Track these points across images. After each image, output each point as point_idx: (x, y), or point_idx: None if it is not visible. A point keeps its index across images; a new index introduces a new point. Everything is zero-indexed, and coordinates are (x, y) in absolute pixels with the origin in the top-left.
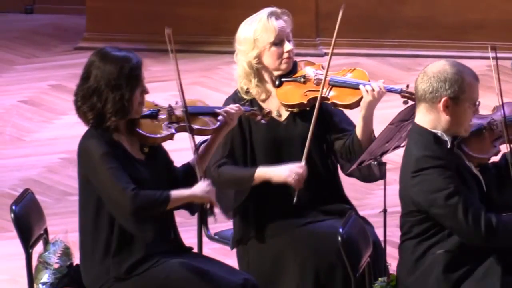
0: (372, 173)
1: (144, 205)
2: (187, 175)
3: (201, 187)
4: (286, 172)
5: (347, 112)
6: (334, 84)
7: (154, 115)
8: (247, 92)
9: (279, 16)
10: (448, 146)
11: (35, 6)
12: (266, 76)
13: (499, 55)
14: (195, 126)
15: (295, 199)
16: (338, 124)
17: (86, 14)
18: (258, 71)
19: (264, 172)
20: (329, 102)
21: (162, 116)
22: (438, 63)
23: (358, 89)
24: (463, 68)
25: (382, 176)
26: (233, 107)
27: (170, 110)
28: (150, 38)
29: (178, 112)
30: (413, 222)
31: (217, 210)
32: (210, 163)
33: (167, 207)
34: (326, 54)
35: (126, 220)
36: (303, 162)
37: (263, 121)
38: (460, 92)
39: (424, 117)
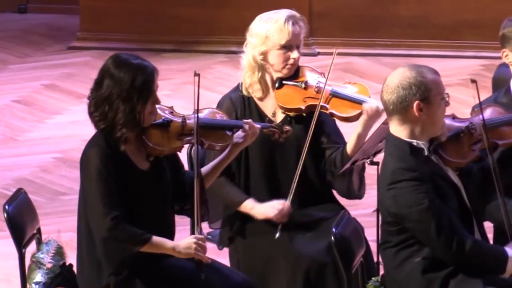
0: (352, 190)
1: (118, 238)
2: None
3: (186, 244)
4: (268, 209)
5: (341, 125)
6: (334, 95)
7: (165, 125)
8: (249, 86)
9: (296, 21)
10: (426, 154)
11: (29, 6)
12: (267, 75)
13: (492, 54)
14: (207, 141)
15: (277, 234)
16: (328, 134)
17: (80, 14)
18: (262, 67)
19: (250, 207)
20: (327, 111)
21: (174, 126)
22: (396, 72)
23: (358, 103)
24: (421, 67)
25: (361, 196)
26: (254, 124)
27: (183, 121)
28: (144, 38)
29: (191, 124)
30: (391, 232)
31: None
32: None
33: (142, 249)
34: (319, 53)
35: (98, 243)
36: (288, 201)
37: (280, 139)
38: (427, 92)
39: (399, 128)
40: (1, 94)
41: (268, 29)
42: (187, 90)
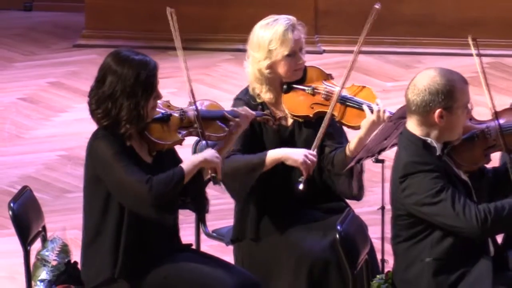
0: (351, 190)
1: (162, 191)
2: (195, 177)
3: (209, 152)
4: (301, 156)
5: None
6: (343, 103)
7: (165, 119)
8: (258, 95)
9: (295, 26)
10: (437, 153)
11: (34, 3)
12: (276, 83)
13: (497, 52)
14: (207, 133)
15: (301, 186)
16: (331, 133)
17: (85, 12)
18: (269, 78)
19: (276, 154)
20: (335, 118)
21: (174, 120)
22: (427, 74)
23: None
24: (452, 75)
25: (360, 197)
26: (247, 110)
27: (182, 114)
28: (149, 36)
29: (190, 116)
30: (402, 226)
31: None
32: None
33: (184, 182)
34: (324, 51)
35: (150, 212)
36: (314, 151)
37: (274, 126)
38: (453, 101)
39: (416, 127)
40: (6, 92)
41: (270, 42)
42: (193, 87)
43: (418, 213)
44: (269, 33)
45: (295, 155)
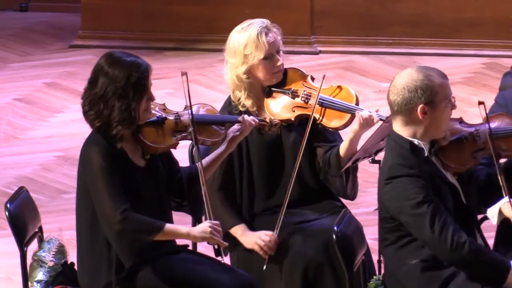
0: (344, 190)
1: (131, 229)
2: (193, 181)
3: (201, 228)
4: (254, 239)
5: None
6: (322, 105)
7: (160, 123)
8: (239, 101)
9: (269, 29)
10: (425, 154)
11: (30, 4)
12: (256, 87)
13: (493, 52)
14: (200, 137)
15: (264, 267)
16: (321, 132)
17: (81, 12)
18: (247, 83)
19: (240, 234)
20: (316, 122)
21: (169, 123)
22: (404, 73)
23: (346, 112)
24: (429, 71)
25: (353, 197)
26: (248, 118)
27: (177, 118)
28: (145, 36)
29: (185, 120)
30: (387, 229)
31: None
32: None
33: (156, 237)
34: (321, 52)
35: (111, 237)
36: (276, 231)
37: (270, 132)
38: (433, 96)
39: (402, 128)
40: (2, 93)
41: (245, 46)
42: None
43: (398, 218)
44: (244, 38)
45: (249, 239)
